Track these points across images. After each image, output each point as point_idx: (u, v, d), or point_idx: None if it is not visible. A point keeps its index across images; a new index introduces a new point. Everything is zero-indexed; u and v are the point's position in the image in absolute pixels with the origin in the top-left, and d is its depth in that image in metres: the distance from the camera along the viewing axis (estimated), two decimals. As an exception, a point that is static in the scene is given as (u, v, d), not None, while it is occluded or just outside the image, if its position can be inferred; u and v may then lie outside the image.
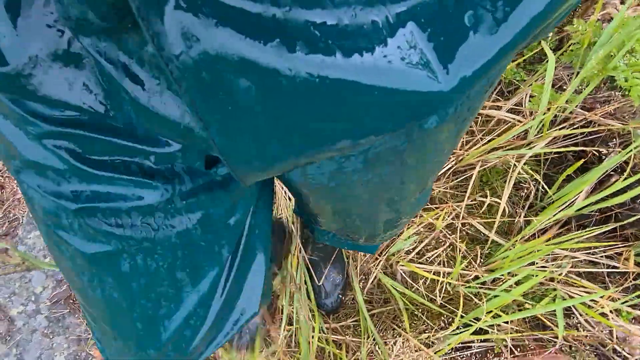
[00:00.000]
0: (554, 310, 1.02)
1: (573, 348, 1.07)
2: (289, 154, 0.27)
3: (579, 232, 1.01)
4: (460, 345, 1.11)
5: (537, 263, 1.05)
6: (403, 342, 1.12)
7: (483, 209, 1.16)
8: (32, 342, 1.26)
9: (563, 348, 1.07)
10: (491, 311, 1.05)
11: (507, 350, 1.06)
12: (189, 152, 0.35)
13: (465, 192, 1.15)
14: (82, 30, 0.25)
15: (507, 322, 1.07)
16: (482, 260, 1.12)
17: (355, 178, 0.43)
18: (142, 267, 0.38)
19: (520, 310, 1.08)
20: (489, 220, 1.15)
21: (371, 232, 0.68)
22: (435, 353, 1.06)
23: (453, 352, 1.09)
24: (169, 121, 0.29)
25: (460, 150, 1.17)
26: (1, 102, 0.31)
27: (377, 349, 1.15)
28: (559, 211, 1.01)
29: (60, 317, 1.28)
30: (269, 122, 0.25)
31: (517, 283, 1.02)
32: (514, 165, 1.03)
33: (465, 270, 1.11)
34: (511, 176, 1.03)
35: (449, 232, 1.15)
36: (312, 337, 1.09)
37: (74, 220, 0.35)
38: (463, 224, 1.16)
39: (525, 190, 1.17)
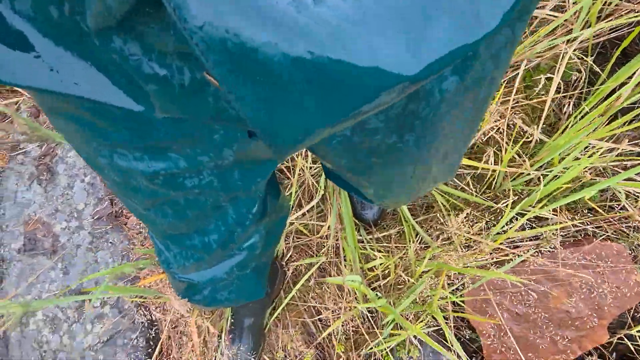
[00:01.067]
0: (602, 196, 1.03)
1: (623, 235, 1.07)
2: (326, 122, 0.26)
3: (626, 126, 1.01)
4: (510, 240, 1.11)
5: (582, 155, 1.05)
6: (450, 240, 1.13)
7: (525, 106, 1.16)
8: (77, 257, 1.26)
9: (611, 236, 1.08)
10: (540, 200, 1.05)
11: (557, 241, 1.07)
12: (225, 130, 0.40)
13: (510, 93, 1.15)
14: (103, 22, 0.25)
15: (555, 214, 1.08)
16: (528, 157, 1.12)
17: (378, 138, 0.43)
18: (193, 201, 0.49)
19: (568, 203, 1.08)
20: (534, 118, 1.15)
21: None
22: (486, 247, 1.07)
23: (503, 248, 1.10)
24: (198, 109, 0.31)
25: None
26: None
27: (423, 251, 1.16)
28: (603, 101, 1.01)
29: (104, 233, 1.29)
30: (303, 91, 0.24)
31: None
32: (563, 55, 1.03)
33: (511, 166, 1.11)
34: (560, 65, 1.03)
35: (495, 134, 1.15)
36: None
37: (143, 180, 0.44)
38: (508, 125, 1.16)
39: (570, 88, 1.17)
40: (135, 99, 0.31)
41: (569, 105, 1.10)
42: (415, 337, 1.21)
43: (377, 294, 1.09)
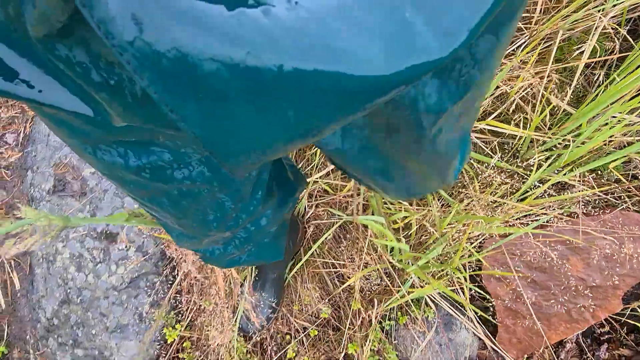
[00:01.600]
0: (626, 167, 1.05)
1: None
2: (277, 140, 0.24)
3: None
4: (532, 206, 1.14)
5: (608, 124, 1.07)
6: (472, 204, 1.15)
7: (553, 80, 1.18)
8: (104, 201, 1.29)
9: (632, 207, 1.10)
10: (564, 167, 1.08)
11: (579, 209, 1.09)
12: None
13: (541, 63, 1.17)
14: (43, 29, 0.23)
15: (578, 181, 1.10)
16: (554, 126, 1.15)
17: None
18: (187, 192, 0.48)
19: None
20: (562, 89, 1.17)
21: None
22: (509, 210, 1.09)
23: (526, 209, 1.12)
24: (156, 119, 0.29)
25: (534, 25, 1.19)
26: None
27: (446, 212, 1.18)
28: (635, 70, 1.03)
29: (131, 180, 1.32)
30: (248, 107, 0.21)
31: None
32: (597, 26, 1.05)
33: (537, 134, 1.13)
34: (593, 35, 1.05)
35: (523, 103, 1.17)
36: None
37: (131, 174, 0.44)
38: (534, 95, 1.18)
39: (601, 61, 1.19)
40: (93, 107, 0.29)
41: (599, 75, 1.12)
42: (431, 299, 1.23)
43: (399, 239, 1.12)
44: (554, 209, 1.12)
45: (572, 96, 1.19)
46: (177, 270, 1.26)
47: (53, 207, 1.28)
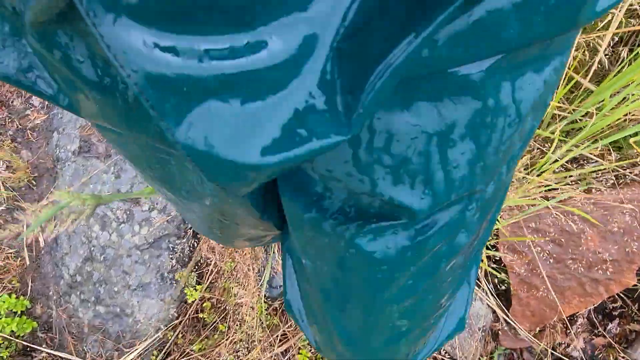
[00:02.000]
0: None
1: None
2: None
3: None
4: (550, 181, 1.16)
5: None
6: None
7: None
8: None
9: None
10: (584, 142, 1.10)
11: (598, 183, 1.11)
12: None
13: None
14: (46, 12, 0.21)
15: (598, 157, 1.12)
16: (576, 102, 1.16)
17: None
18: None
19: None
20: (584, 65, 1.19)
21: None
22: (528, 184, 1.11)
23: (546, 183, 1.14)
24: (140, 128, 0.26)
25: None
26: None
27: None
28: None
29: (155, 145, 1.34)
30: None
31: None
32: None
33: (558, 111, 1.15)
34: (618, 12, 1.06)
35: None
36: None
37: None
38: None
39: (625, 38, 1.21)
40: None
41: (623, 52, 1.14)
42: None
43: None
44: (572, 184, 1.14)
45: (593, 75, 1.20)
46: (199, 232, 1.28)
47: (78, 167, 1.30)
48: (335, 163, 0.28)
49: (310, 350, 1.22)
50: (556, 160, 1.13)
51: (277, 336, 1.19)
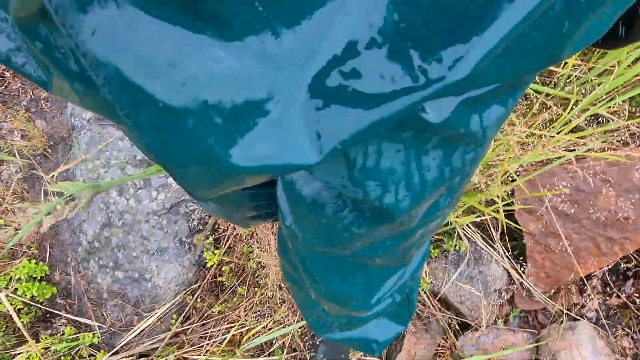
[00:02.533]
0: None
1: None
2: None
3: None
4: (569, 139, 1.17)
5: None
6: (512, 131, 1.18)
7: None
8: (144, 131, 1.32)
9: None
10: (602, 100, 1.10)
11: (616, 142, 1.12)
12: None
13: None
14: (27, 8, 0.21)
15: (616, 116, 1.13)
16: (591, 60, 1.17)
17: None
18: None
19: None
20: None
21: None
22: (546, 142, 1.12)
23: (564, 140, 1.15)
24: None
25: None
26: None
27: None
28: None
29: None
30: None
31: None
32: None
33: (573, 69, 1.16)
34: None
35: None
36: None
37: None
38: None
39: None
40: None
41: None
42: (463, 232, 1.27)
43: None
44: (589, 142, 1.15)
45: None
46: (216, 199, 1.29)
47: (94, 134, 1.30)
48: (332, 177, 0.34)
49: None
50: (571, 120, 1.13)
51: (296, 298, 1.21)
